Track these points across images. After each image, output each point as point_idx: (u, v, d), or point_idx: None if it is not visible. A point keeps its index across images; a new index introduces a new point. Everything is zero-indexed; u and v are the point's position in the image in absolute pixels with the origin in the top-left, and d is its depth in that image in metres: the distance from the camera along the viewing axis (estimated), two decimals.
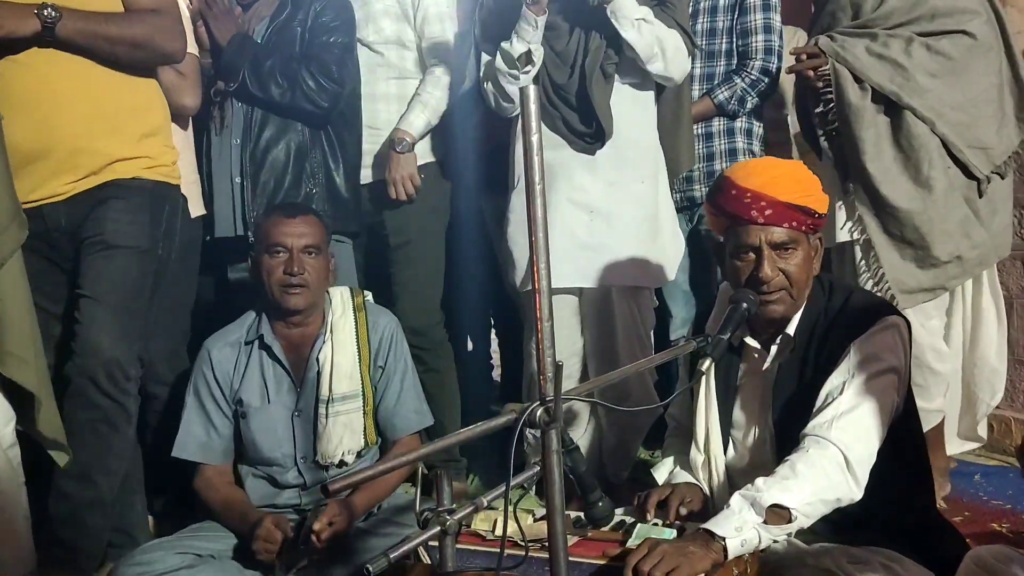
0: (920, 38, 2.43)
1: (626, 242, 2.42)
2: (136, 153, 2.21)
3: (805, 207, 1.75)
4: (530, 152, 1.18)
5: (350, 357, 2.21)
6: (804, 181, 1.81)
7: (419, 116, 2.68)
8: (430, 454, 1.17)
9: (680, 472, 1.92)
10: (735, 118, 2.88)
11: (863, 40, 2.46)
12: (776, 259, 1.76)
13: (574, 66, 2.39)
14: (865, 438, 1.67)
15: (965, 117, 2.43)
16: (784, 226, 1.75)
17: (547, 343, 1.20)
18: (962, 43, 2.42)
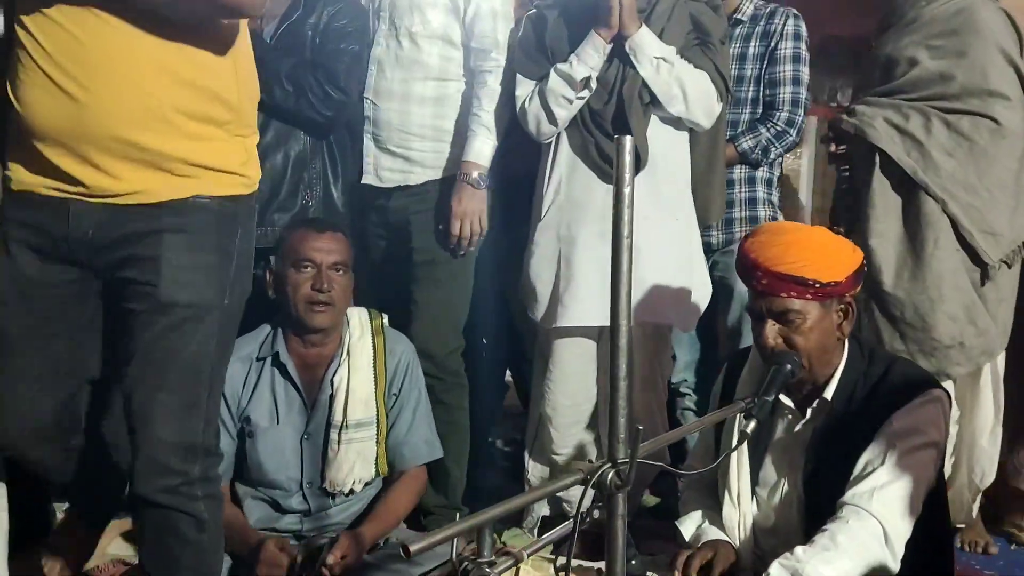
0: (941, 114, 2.42)
1: (658, 279, 2.34)
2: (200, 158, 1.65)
3: (799, 277, 1.73)
4: (620, 204, 1.14)
5: (366, 382, 2.15)
6: (806, 250, 1.78)
7: (486, 143, 2.48)
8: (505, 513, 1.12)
9: (709, 528, 1.89)
10: (757, 167, 2.87)
11: (886, 111, 2.47)
12: (778, 327, 1.77)
13: (612, 92, 2.33)
14: (904, 513, 1.66)
15: (978, 201, 2.40)
16: (781, 295, 1.75)
17: (622, 403, 1.16)
18: (985, 126, 2.40)
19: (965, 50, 2.41)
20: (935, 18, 2.45)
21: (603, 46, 2.29)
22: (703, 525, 1.90)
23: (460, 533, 1.05)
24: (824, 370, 1.81)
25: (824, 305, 1.77)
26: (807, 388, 1.83)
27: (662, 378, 2.55)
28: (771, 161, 2.87)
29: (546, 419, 2.43)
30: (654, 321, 2.38)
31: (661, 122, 2.40)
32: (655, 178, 2.37)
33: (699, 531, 1.89)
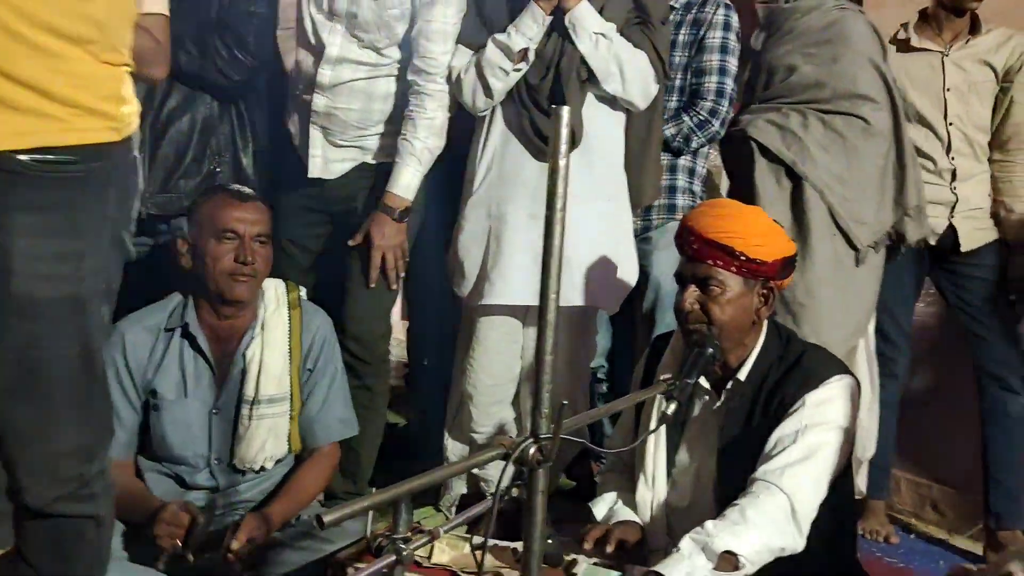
0: (817, 113, 2.65)
1: (587, 261, 2.33)
2: (52, 84, 1.26)
3: (726, 246, 1.77)
4: (555, 175, 1.11)
5: (280, 357, 2.07)
6: (742, 224, 1.82)
7: (415, 176, 2.38)
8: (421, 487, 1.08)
9: (621, 508, 1.90)
10: (679, 155, 2.87)
11: (767, 113, 2.69)
12: (698, 294, 1.80)
13: (549, 66, 2.29)
14: (813, 490, 1.70)
15: (849, 192, 2.62)
16: (708, 262, 1.79)
17: (546, 378, 1.14)
18: (856, 125, 2.63)
19: (837, 58, 2.64)
20: (810, 29, 2.69)
21: (542, 17, 2.26)
22: (615, 507, 1.92)
23: (376, 505, 1.01)
24: (740, 352, 1.85)
25: (747, 283, 1.80)
26: (722, 369, 1.85)
27: (586, 360, 2.55)
28: (694, 150, 2.86)
29: (467, 398, 2.40)
30: (581, 303, 2.37)
31: (597, 100, 2.39)
32: (589, 157, 2.35)
33: (610, 512, 1.91)
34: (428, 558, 1.66)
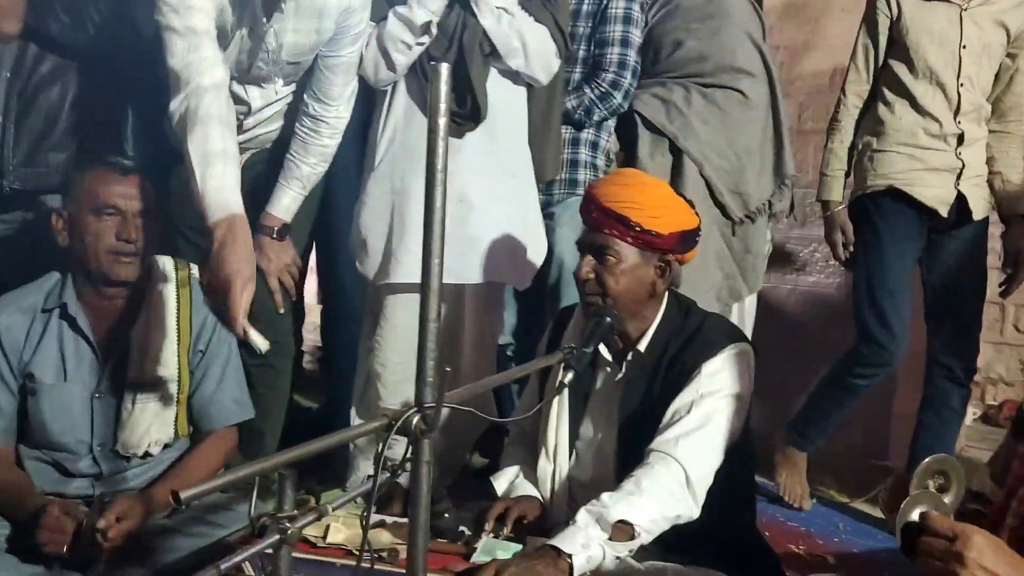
0: (699, 88, 2.74)
1: (493, 237, 2.31)
2: None
3: (622, 216, 1.76)
4: (435, 135, 1.07)
5: (167, 338, 1.98)
6: (642, 195, 1.80)
7: (296, 200, 2.34)
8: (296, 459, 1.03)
9: (522, 483, 1.88)
10: (581, 128, 2.84)
11: (652, 88, 2.78)
12: (595, 263, 1.79)
13: (452, 40, 2.25)
14: (707, 458, 1.71)
15: (728, 164, 2.72)
16: (605, 231, 1.78)
17: (431, 346, 1.10)
18: (734, 99, 2.72)
19: (718, 31, 2.73)
20: (693, 4, 2.79)
21: None
22: (516, 481, 1.90)
23: (242, 478, 0.96)
24: (640, 324, 1.84)
25: (643, 254, 1.79)
26: (623, 341, 1.85)
27: (492, 336, 2.53)
28: (597, 123, 2.81)
29: (375, 375, 2.36)
30: (489, 279, 2.35)
31: (500, 75, 2.36)
32: (493, 133, 2.33)
33: (511, 487, 1.89)
34: (323, 538, 1.61)
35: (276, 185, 2.33)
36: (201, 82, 1.91)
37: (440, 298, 1.10)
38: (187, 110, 1.90)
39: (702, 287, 2.59)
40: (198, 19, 1.96)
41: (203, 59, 1.94)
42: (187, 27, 1.95)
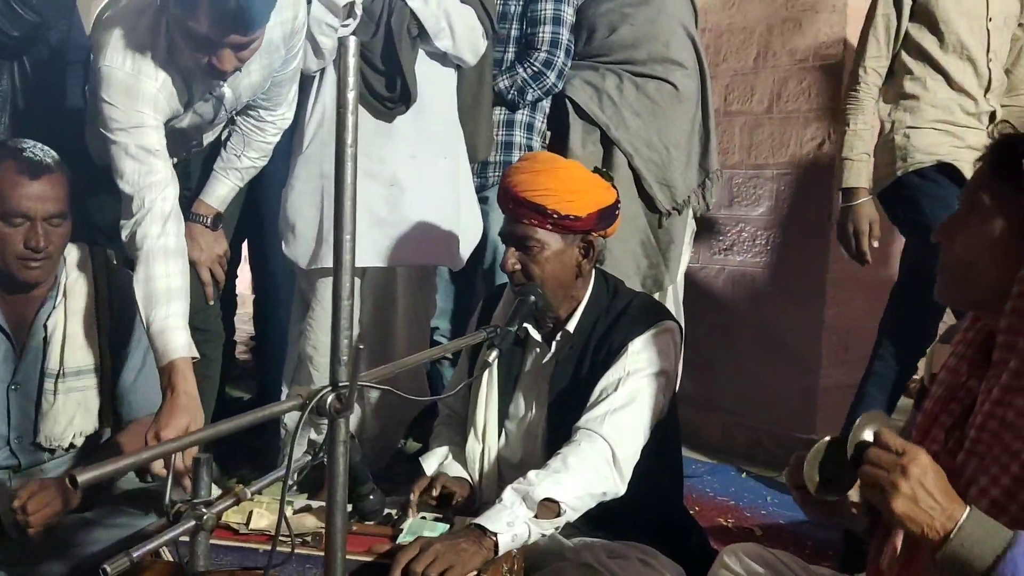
0: (632, 77, 2.74)
1: (425, 220, 2.30)
2: None
3: (540, 205, 1.75)
4: (344, 109, 1.05)
5: (86, 326, 1.93)
6: (554, 180, 1.79)
7: (232, 191, 2.31)
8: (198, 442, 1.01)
9: (451, 464, 1.89)
10: (515, 109, 2.83)
11: (586, 72, 2.76)
12: (519, 254, 1.79)
13: (379, 24, 2.23)
14: (633, 435, 1.73)
15: (657, 157, 2.74)
16: (524, 222, 1.78)
17: (345, 323, 1.08)
18: (666, 90, 2.74)
19: (653, 20, 2.73)
20: None
21: None
22: (445, 462, 1.90)
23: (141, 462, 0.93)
24: (569, 304, 1.85)
25: (565, 238, 1.79)
26: (551, 321, 1.86)
27: (426, 318, 2.52)
28: (531, 104, 2.80)
29: (306, 358, 2.34)
30: (421, 262, 2.34)
31: (428, 57, 2.34)
32: (423, 115, 2.33)
33: (440, 468, 1.89)
34: (246, 524, 1.59)
35: (212, 174, 2.30)
36: (152, 209, 1.89)
37: (353, 276, 1.08)
38: (135, 236, 1.88)
39: (629, 277, 2.59)
40: (150, 138, 1.93)
41: (154, 184, 1.91)
42: (139, 147, 1.91)
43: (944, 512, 1.05)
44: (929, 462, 1.08)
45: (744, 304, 3.44)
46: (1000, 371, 1.15)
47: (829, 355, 3.22)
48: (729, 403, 3.44)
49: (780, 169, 3.34)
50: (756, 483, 3.00)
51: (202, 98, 2.08)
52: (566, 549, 1.75)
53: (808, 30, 3.24)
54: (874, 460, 1.09)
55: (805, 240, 3.25)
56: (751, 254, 3.42)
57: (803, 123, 3.26)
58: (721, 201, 3.47)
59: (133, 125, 1.90)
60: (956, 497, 1.08)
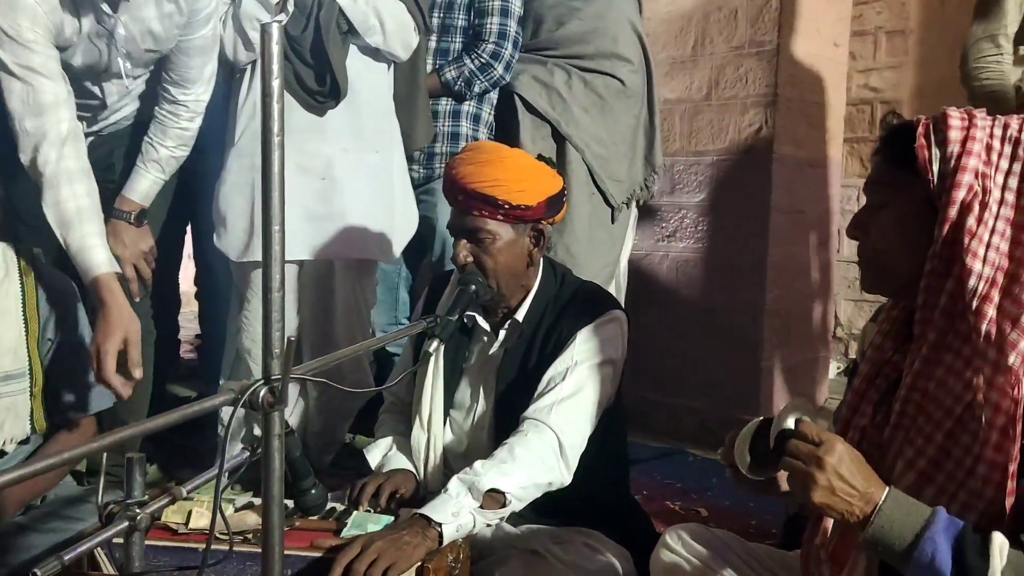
0: (580, 73, 2.76)
1: (358, 213, 2.29)
2: None
3: (490, 196, 1.75)
4: (269, 98, 1.04)
5: (14, 329, 1.86)
6: (502, 171, 1.78)
7: (155, 184, 2.28)
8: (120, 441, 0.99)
9: (395, 455, 1.87)
10: (462, 100, 2.81)
11: (534, 67, 2.77)
12: (471, 246, 1.78)
13: (309, 18, 2.21)
14: (580, 425, 1.73)
15: (605, 152, 2.78)
16: (474, 213, 1.76)
17: (276, 316, 1.07)
18: (613, 86, 2.78)
19: (602, 16, 2.75)
20: None
21: None
22: (389, 453, 1.88)
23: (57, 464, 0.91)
24: (517, 293, 1.84)
25: (515, 228, 1.79)
26: (502, 311, 1.85)
27: (365, 309, 2.50)
28: (478, 95, 2.80)
29: (244, 352, 2.31)
30: (354, 256, 2.33)
31: (360, 52, 2.33)
32: (356, 109, 2.31)
33: (385, 459, 1.87)
34: (185, 524, 1.56)
35: (134, 169, 2.26)
36: (48, 134, 1.86)
37: (283, 268, 1.07)
38: (36, 163, 1.86)
39: (595, 274, 2.59)
40: (36, 57, 1.87)
41: (45, 106, 1.87)
42: (21, 65, 1.86)
43: (862, 497, 1.08)
44: (845, 449, 1.11)
45: (688, 289, 3.48)
46: (920, 346, 1.18)
47: (771, 338, 3.28)
48: (676, 387, 3.49)
49: (720, 155, 3.38)
50: (703, 465, 3.05)
51: (94, 31, 2.03)
52: (512, 536, 1.75)
53: (744, 18, 3.28)
54: (793, 451, 1.12)
55: (746, 225, 3.30)
56: (694, 240, 3.46)
57: (741, 110, 3.31)
58: (663, 188, 3.51)
59: (10, 37, 1.85)
60: (875, 480, 1.11)
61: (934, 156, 1.16)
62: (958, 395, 1.12)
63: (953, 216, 1.13)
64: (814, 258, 3.43)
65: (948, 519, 1.07)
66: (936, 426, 1.14)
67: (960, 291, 1.13)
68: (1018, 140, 1.14)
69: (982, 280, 1.11)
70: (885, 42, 4.28)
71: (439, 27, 2.74)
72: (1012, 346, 1.08)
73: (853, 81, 4.27)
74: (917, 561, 1.06)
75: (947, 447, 1.13)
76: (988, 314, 1.10)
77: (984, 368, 1.09)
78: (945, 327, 1.16)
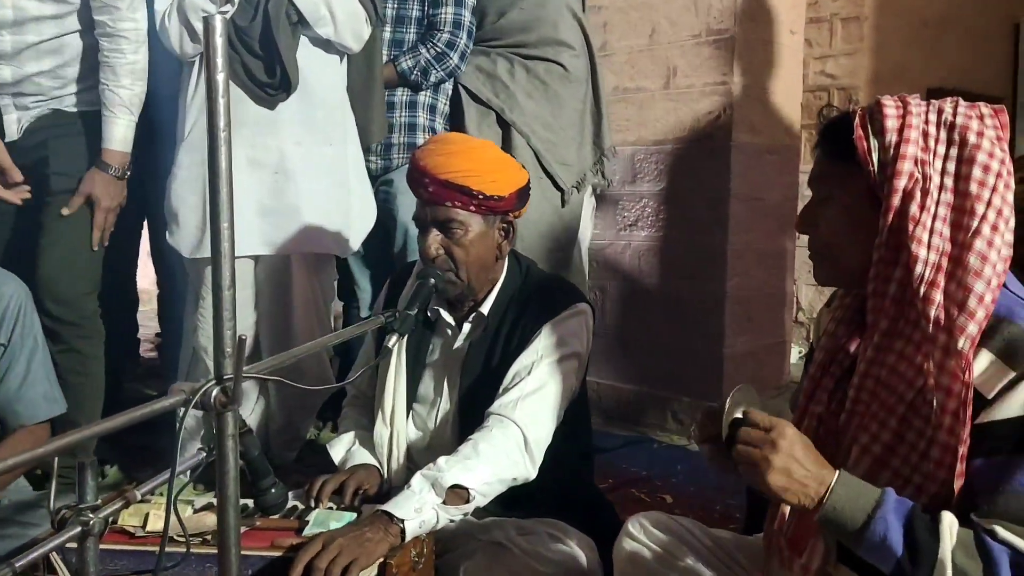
0: (522, 60, 2.82)
1: (312, 207, 2.27)
2: None
3: (464, 186, 1.73)
4: (215, 92, 1.02)
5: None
6: (475, 161, 1.77)
7: (129, 128, 2.25)
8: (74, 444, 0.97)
9: (358, 450, 1.85)
10: (418, 90, 2.81)
11: (478, 58, 2.82)
12: (441, 237, 1.75)
13: (257, 9, 2.18)
14: (545, 420, 1.72)
15: (552, 136, 2.82)
16: (447, 204, 1.74)
17: (227, 314, 1.05)
18: (556, 71, 2.84)
19: (543, 4, 2.81)
20: None
21: None
22: (352, 448, 1.86)
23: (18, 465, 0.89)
24: (484, 286, 1.83)
25: (486, 220, 1.77)
26: (468, 304, 1.84)
27: (324, 304, 2.48)
28: (434, 86, 2.81)
29: (201, 350, 2.28)
30: (309, 250, 2.31)
31: (311, 44, 2.30)
32: (308, 102, 2.28)
33: (348, 455, 1.85)
34: (143, 527, 1.53)
35: (103, 117, 2.24)
36: None
37: (233, 265, 1.05)
38: None
39: (540, 259, 2.62)
40: None
41: None
42: None
43: (816, 478, 1.10)
44: (795, 433, 1.12)
45: (650, 278, 3.49)
46: (872, 333, 1.19)
47: (733, 324, 3.30)
48: (640, 376, 3.51)
49: (678, 144, 3.39)
50: (668, 452, 3.07)
51: None
52: (477, 529, 1.75)
53: (700, 7, 3.29)
54: (745, 439, 1.13)
55: (706, 213, 3.32)
56: (655, 229, 3.47)
57: (698, 98, 3.32)
58: (624, 178, 3.52)
59: None
60: (825, 463, 1.12)
61: (873, 147, 1.16)
62: (910, 381, 1.14)
63: (896, 204, 1.14)
64: (774, 244, 3.46)
65: (897, 499, 1.09)
66: (889, 412, 1.15)
67: (907, 278, 1.14)
68: (952, 124, 1.15)
69: (928, 266, 1.12)
70: (841, 29, 4.33)
71: (393, 17, 2.73)
72: (960, 330, 1.09)
73: (810, 68, 4.32)
74: (869, 540, 1.07)
75: (901, 432, 1.14)
76: (936, 299, 1.11)
77: (934, 352, 1.11)
78: (896, 314, 1.17)
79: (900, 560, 1.06)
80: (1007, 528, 1.05)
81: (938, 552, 1.04)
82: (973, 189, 1.12)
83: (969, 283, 1.10)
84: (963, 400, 1.09)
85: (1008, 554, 1.04)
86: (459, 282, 1.77)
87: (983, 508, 1.08)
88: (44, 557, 1.16)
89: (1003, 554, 1.04)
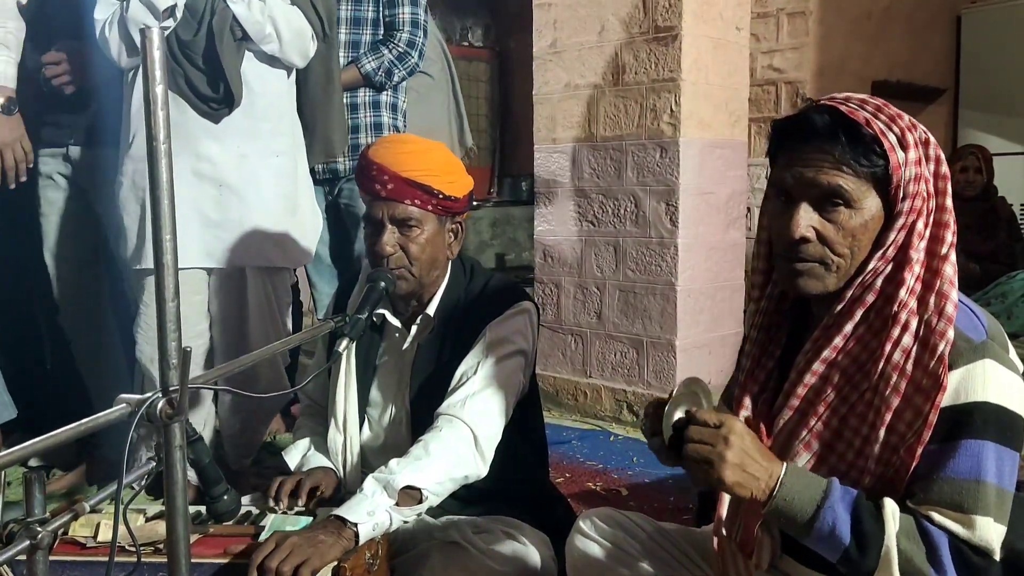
0: None
1: (261, 220, 2.25)
2: None
3: (425, 185, 1.73)
4: (154, 105, 1.02)
5: None
6: (434, 161, 1.77)
7: (9, 64, 2.24)
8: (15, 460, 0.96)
9: (314, 455, 1.85)
10: (381, 90, 2.84)
11: None
12: (397, 235, 1.75)
13: (201, 23, 2.15)
14: (494, 417, 1.73)
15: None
16: (406, 202, 1.73)
17: (172, 326, 1.05)
18: (425, 81, 3.14)
19: None
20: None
21: None
22: (308, 454, 1.87)
23: None
24: (430, 288, 1.83)
25: (440, 220, 1.78)
26: (413, 306, 1.84)
27: (279, 310, 2.47)
28: (396, 85, 2.85)
29: (146, 360, 2.25)
30: (255, 264, 2.30)
31: (256, 58, 2.28)
32: (253, 114, 2.27)
33: (304, 460, 1.86)
34: (94, 538, 1.52)
35: None
36: None
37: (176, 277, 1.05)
38: None
39: None
40: None
41: None
42: None
43: (766, 471, 1.12)
44: (744, 428, 1.14)
45: (605, 272, 3.53)
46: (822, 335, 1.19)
47: (684, 317, 3.35)
48: (594, 368, 3.55)
49: (629, 140, 3.43)
50: (623, 444, 3.11)
51: None
52: (433, 528, 1.76)
53: (648, 3, 3.32)
54: (696, 437, 1.13)
55: (656, 207, 3.36)
56: (606, 223, 3.51)
57: (647, 94, 3.36)
58: (576, 173, 3.55)
59: None
60: (772, 456, 1.15)
61: (900, 160, 1.12)
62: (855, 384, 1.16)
63: (910, 222, 1.13)
64: (725, 237, 3.51)
65: (842, 488, 1.11)
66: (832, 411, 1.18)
67: (895, 293, 1.13)
68: (927, 141, 1.15)
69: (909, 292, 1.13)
70: (787, 23, 4.41)
71: (349, 20, 2.77)
72: (940, 335, 1.10)
73: (758, 62, 4.39)
74: (818, 531, 1.10)
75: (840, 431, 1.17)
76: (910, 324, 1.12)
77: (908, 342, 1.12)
78: (861, 320, 1.16)
79: (848, 548, 1.08)
80: (942, 514, 1.09)
81: (884, 539, 1.07)
82: (947, 211, 1.13)
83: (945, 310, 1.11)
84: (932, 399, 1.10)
85: (947, 538, 1.08)
86: (412, 279, 1.77)
87: (919, 495, 1.11)
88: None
89: (942, 538, 1.08)
